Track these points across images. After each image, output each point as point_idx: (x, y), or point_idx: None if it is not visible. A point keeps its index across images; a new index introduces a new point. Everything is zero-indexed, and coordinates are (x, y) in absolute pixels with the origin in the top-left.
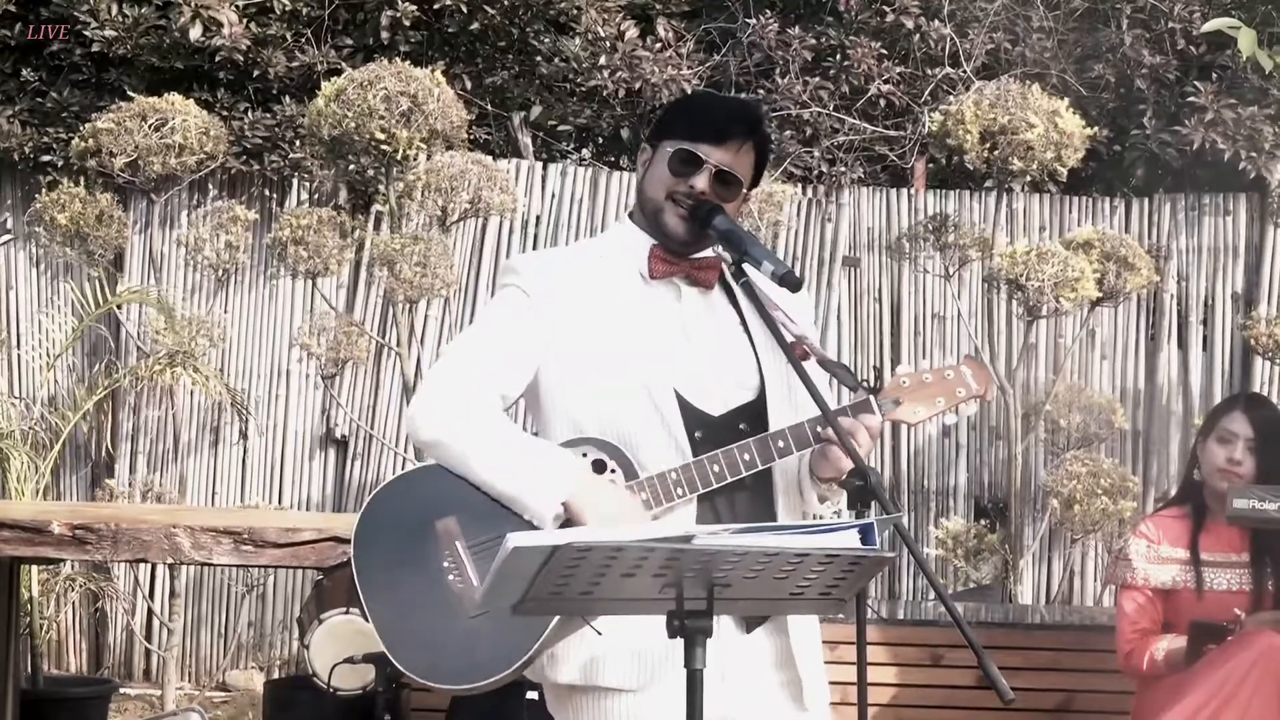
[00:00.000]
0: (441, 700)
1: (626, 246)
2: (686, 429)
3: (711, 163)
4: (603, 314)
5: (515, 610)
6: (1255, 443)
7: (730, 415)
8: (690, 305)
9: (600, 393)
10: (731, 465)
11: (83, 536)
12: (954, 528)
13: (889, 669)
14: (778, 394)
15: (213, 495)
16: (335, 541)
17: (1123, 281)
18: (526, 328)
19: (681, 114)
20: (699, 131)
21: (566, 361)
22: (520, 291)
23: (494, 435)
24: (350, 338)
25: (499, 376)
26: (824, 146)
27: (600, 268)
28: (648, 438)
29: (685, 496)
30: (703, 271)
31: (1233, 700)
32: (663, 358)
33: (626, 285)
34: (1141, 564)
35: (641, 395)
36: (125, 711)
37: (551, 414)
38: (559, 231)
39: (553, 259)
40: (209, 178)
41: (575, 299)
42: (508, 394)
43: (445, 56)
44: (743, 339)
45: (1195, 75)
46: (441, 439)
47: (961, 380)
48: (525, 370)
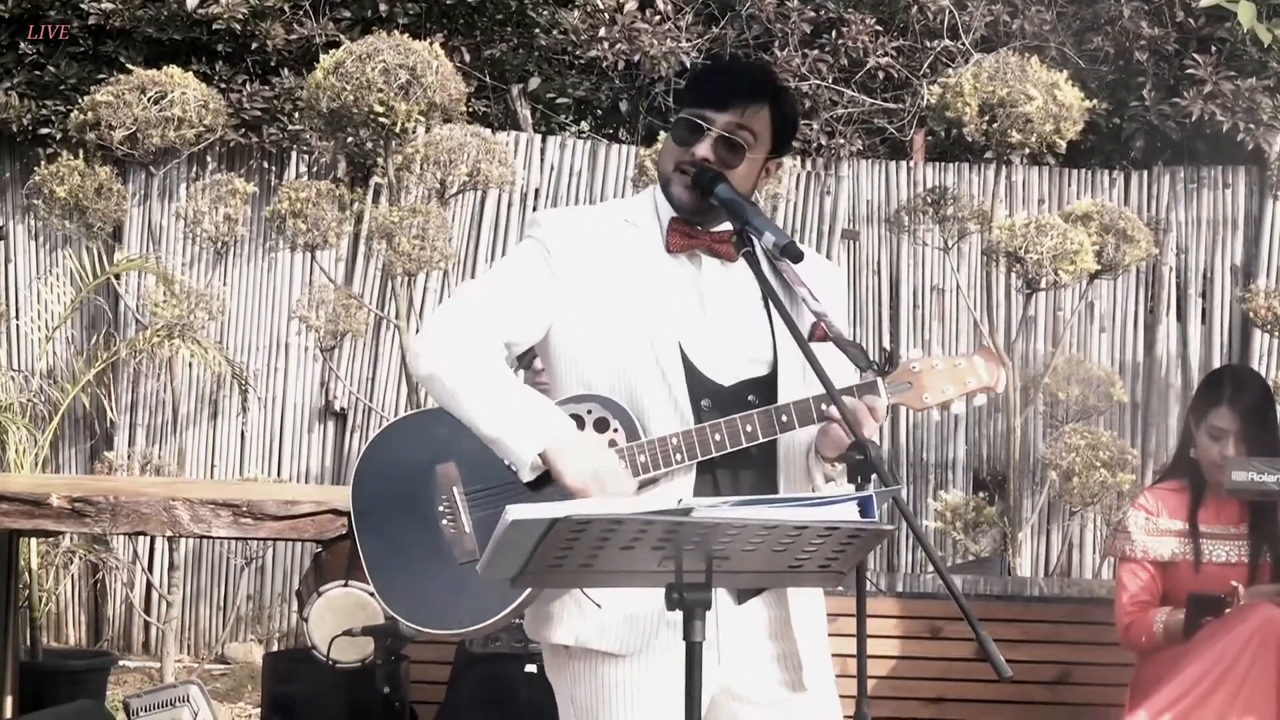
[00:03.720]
0: (442, 672)
1: (651, 215)
2: (693, 396)
3: (715, 129)
4: (619, 278)
5: (515, 582)
6: (1244, 433)
7: (740, 387)
8: (710, 277)
9: (610, 353)
10: (733, 435)
11: (82, 509)
12: (953, 500)
13: (888, 641)
14: (791, 370)
15: (211, 468)
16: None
17: (1121, 254)
18: (541, 282)
19: (690, 82)
20: (702, 97)
21: (579, 321)
22: (541, 246)
23: (487, 377)
24: (349, 310)
25: (506, 323)
26: (823, 119)
27: (624, 233)
28: (652, 401)
29: (684, 463)
30: (724, 245)
31: (1230, 672)
32: (674, 323)
33: (647, 253)
34: (1141, 536)
35: (649, 358)
36: (124, 684)
37: (563, 372)
38: (557, 204)
39: (579, 218)
40: (208, 150)
41: (594, 261)
42: (514, 342)
43: (444, 29)
44: (761, 314)
45: (1194, 47)
46: (438, 373)
47: (973, 370)
48: (535, 323)
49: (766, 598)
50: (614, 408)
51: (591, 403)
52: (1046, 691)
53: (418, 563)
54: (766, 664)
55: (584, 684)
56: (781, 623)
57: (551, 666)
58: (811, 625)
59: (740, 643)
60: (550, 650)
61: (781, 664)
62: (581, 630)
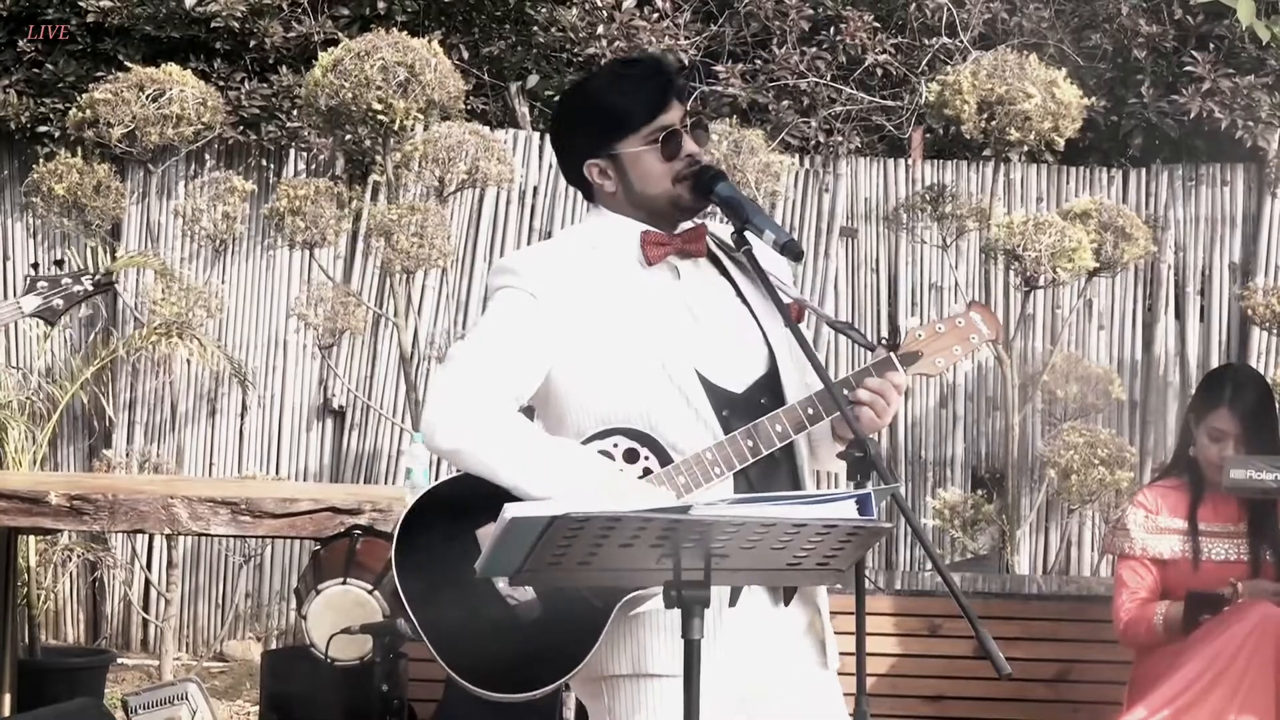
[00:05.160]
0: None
1: (616, 236)
2: (714, 408)
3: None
4: (610, 306)
5: (513, 580)
6: (1244, 434)
7: (751, 390)
8: (690, 283)
9: (622, 384)
10: (765, 438)
11: (80, 507)
12: (951, 498)
13: (887, 639)
14: (786, 361)
15: (210, 466)
16: (332, 512)
17: (1120, 252)
18: (536, 329)
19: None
20: (650, 109)
21: (582, 358)
22: (525, 294)
23: (516, 440)
24: (347, 308)
25: (512, 379)
26: (821, 117)
27: (595, 260)
28: (677, 422)
29: (723, 475)
30: (693, 242)
31: (1228, 670)
32: (678, 340)
33: (626, 274)
34: (1140, 534)
35: (663, 380)
36: (123, 682)
37: (572, 412)
38: (556, 202)
39: (549, 256)
40: (206, 148)
41: (580, 295)
42: (521, 396)
43: (442, 26)
44: (743, 309)
45: (1193, 45)
46: (463, 446)
47: (973, 326)
48: (537, 372)
49: (800, 598)
50: (639, 436)
51: (615, 436)
52: (1045, 689)
53: (483, 636)
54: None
55: (625, 701)
56: (811, 617)
57: (587, 687)
58: (827, 615)
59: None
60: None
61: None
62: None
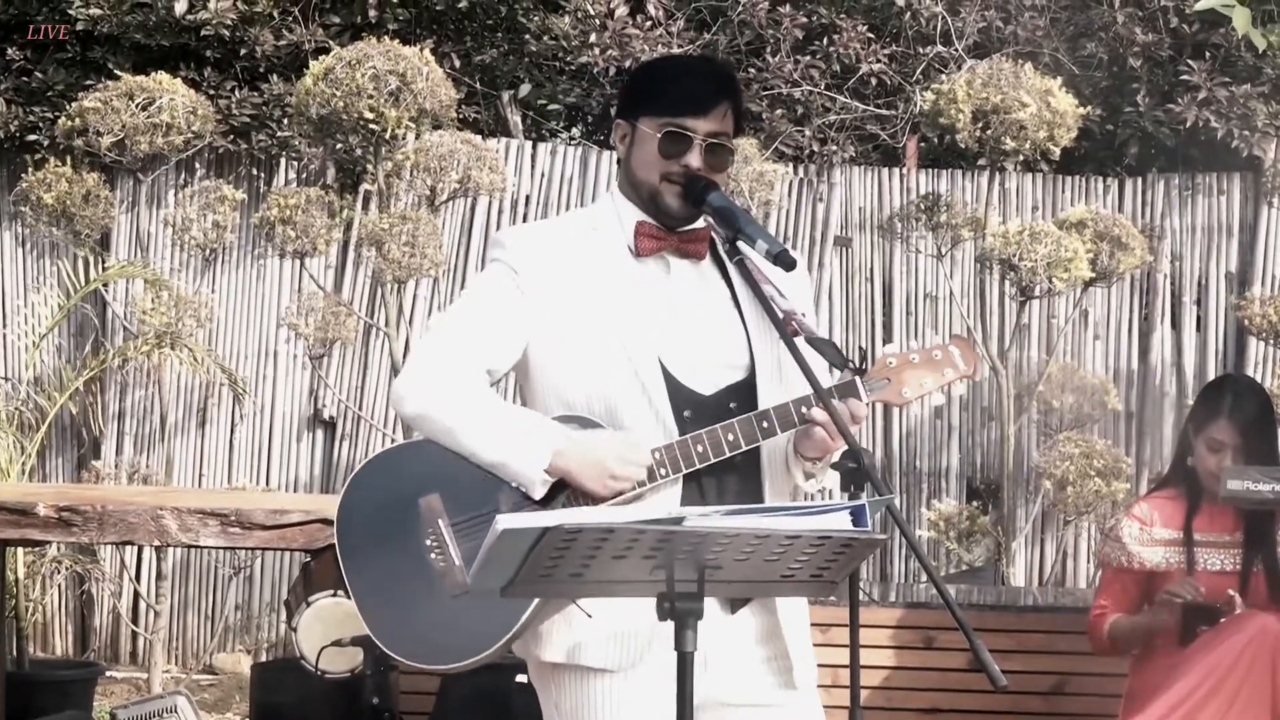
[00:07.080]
0: (431, 683)
1: (615, 220)
2: (675, 408)
3: (700, 137)
4: (590, 290)
5: (504, 592)
6: (1243, 446)
7: (721, 394)
8: (680, 280)
9: (587, 370)
10: (715, 446)
11: (69, 518)
12: (946, 509)
13: (881, 652)
14: (768, 372)
15: (200, 477)
16: (323, 523)
17: (1116, 261)
18: (513, 304)
19: (657, 87)
20: (681, 105)
21: (554, 338)
22: (507, 268)
23: (479, 405)
24: (338, 318)
25: (485, 351)
26: (815, 125)
27: (589, 242)
28: (634, 416)
29: (669, 477)
30: (693, 244)
31: (1225, 682)
32: (648, 334)
33: (615, 260)
34: (1134, 546)
35: (627, 372)
36: (111, 694)
37: (541, 391)
38: (549, 211)
39: (541, 233)
40: (196, 157)
41: (562, 275)
42: (494, 369)
43: (433, 35)
44: (733, 314)
45: (1189, 54)
46: (427, 412)
47: (950, 360)
48: (511, 346)
49: (754, 605)
50: (594, 427)
51: (572, 424)
52: (1041, 702)
53: (409, 601)
54: (757, 667)
55: (569, 695)
56: (770, 627)
57: (538, 679)
58: (798, 627)
59: (730, 651)
60: (537, 665)
61: (771, 666)
62: (572, 648)
